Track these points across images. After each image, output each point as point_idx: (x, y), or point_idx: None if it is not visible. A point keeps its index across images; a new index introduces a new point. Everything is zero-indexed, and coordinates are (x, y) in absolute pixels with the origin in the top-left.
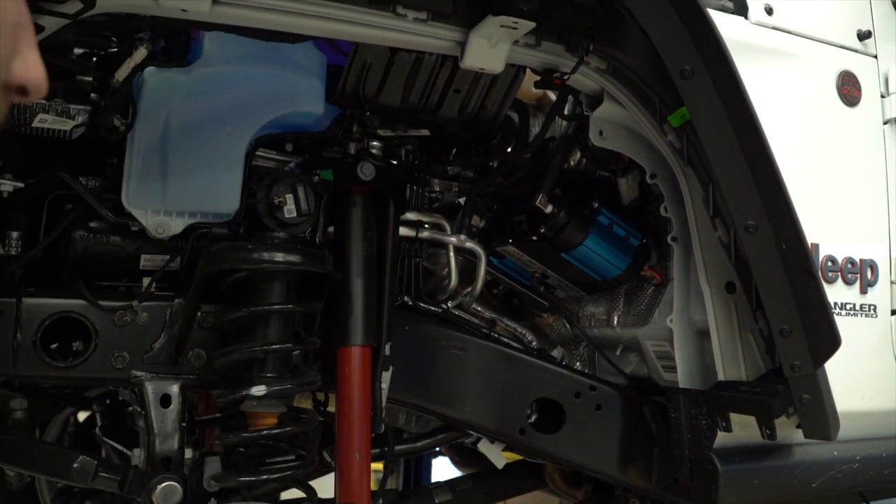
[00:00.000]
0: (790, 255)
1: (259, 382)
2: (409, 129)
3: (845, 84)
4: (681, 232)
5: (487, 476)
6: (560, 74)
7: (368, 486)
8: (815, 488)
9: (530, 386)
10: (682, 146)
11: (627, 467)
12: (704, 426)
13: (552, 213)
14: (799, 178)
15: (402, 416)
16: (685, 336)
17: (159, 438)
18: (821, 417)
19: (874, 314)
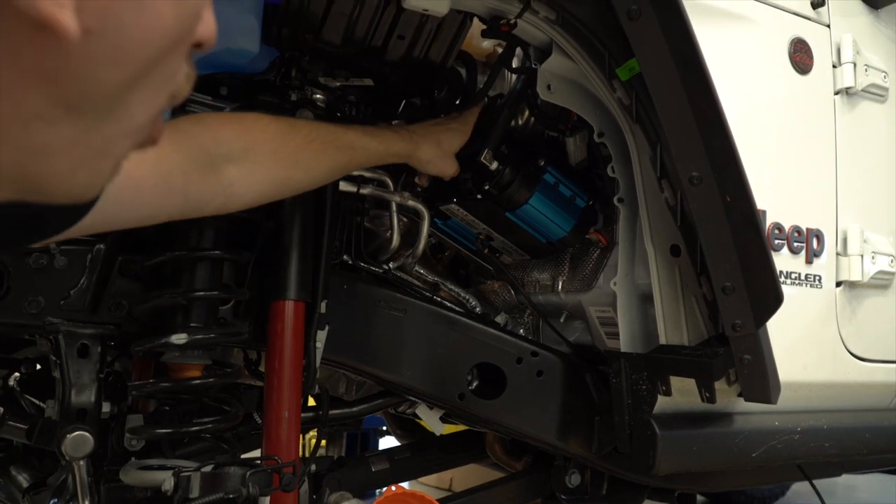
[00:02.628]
0: (734, 207)
1: (180, 331)
2: (352, 78)
3: (797, 51)
4: (627, 193)
5: (426, 446)
6: (507, 21)
7: (297, 445)
8: (754, 458)
9: (471, 351)
10: (631, 102)
11: (568, 436)
12: (645, 391)
13: (497, 169)
14: (748, 143)
15: (342, 384)
16: (628, 300)
17: (75, 389)
18: (762, 380)
19: (819, 285)
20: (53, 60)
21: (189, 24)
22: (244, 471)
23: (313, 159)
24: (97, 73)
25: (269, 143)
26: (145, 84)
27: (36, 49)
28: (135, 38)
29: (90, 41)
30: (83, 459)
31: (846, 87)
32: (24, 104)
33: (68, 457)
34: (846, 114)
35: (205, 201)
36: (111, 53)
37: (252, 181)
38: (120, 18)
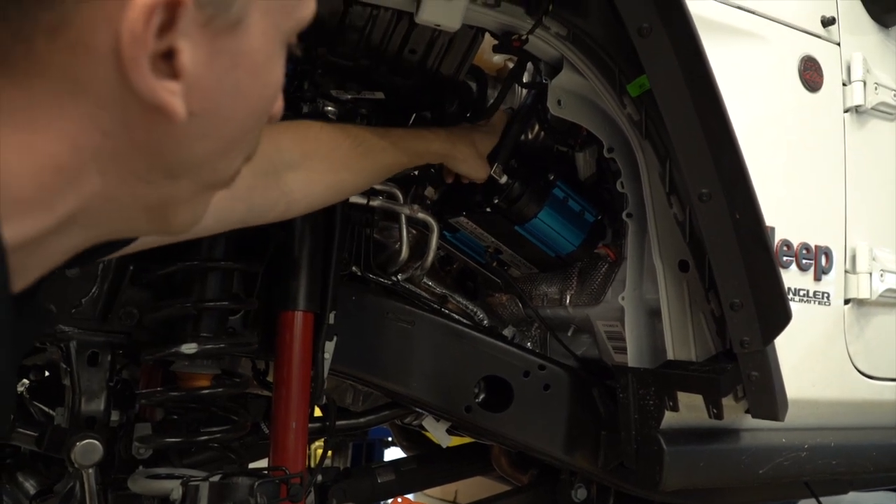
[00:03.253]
0: (743, 224)
1: (190, 341)
2: (363, 91)
3: (807, 69)
4: (636, 208)
5: (432, 458)
6: (518, 37)
7: (304, 455)
8: (761, 475)
9: (478, 363)
10: (641, 118)
11: (574, 450)
12: (652, 406)
13: (507, 183)
14: (758, 160)
15: (349, 395)
16: (636, 314)
17: (84, 397)
18: (769, 397)
19: (827, 302)
20: (159, 135)
21: (270, 105)
22: (252, 481)
23: (362, 162)
24: (193, 147)
25: (323, 149)
26: (231, 151)
27: (146, 125)
28: (228, 119)
29: (191, 121)
30: (92, 467)
31: (856, 104)
32: (129, 167)
33: (77, 465)
34: (856, 132)
35: (267, 208)
36: (206, 131)
37: (310, 187)
38: (218, 104)
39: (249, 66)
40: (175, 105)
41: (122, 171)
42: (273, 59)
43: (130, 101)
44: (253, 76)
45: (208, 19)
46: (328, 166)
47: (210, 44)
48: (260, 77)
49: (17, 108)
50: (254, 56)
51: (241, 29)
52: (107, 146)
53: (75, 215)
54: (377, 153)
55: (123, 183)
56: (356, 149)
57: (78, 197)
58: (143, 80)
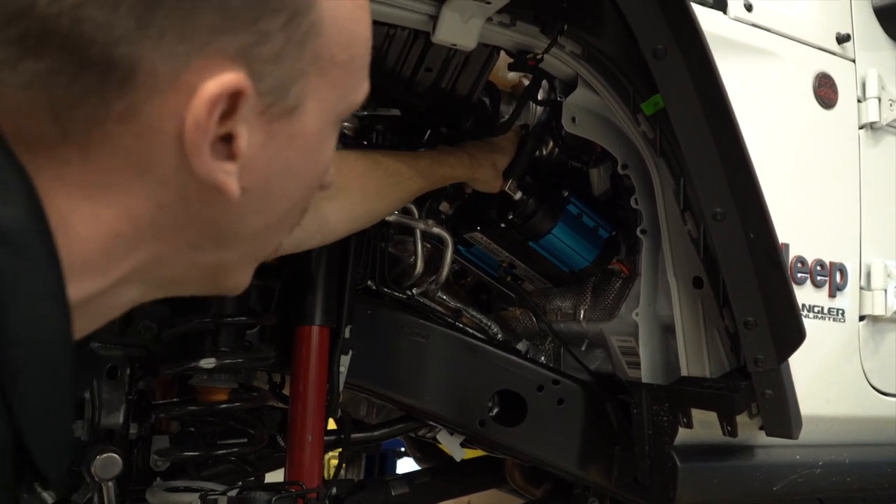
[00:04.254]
0: (757, 244)
1: (209, 355)
2: (379, 108)
3: (822, 86)
4: (650, 225)
5: (446, 471)
6: (533, 55)
7: (320, 469)
8: (775, 492)
9: (492, 377)
10: (655, 136)
11: (588, 464)
12: (665, 423)
13: (521, 199)
14: (772, 177)
15: (363, 407)
16: (650, 330)
17: (104, 410)
18: (783, 415)
19: (842, 319)
20: (213, 209)
21: (321, 178)
22: (270, 496)
23: (393, 190)
24: (244, 220)
25: (357, 180)
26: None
27: (202, 200)
28: (279, 194)
29: (244, 197)
30: (111, 481)
31: (871, 121)
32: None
33: (97, 478)
34: (871, 148)
35: (306, 238)
36: (259, 207)
37: (344, 216)
38: (270, 182)
39: (303, 148)
40: (230, 185)
41: (176, 240)
42: (325, 139)
43: (189, 180)
44: (305, 156)
45: (267, 107)
46: (362, 196)
47: (267, 128)
48: (311, 156)
49: (90, 183)
50: (307, 138)
51: (297, 114)
52: (164, 218)
53: (130, 276)
54: (406, 182)
55: (177, 250)
56: (388, 179)
57: (133, 262)
58: (202, 164)
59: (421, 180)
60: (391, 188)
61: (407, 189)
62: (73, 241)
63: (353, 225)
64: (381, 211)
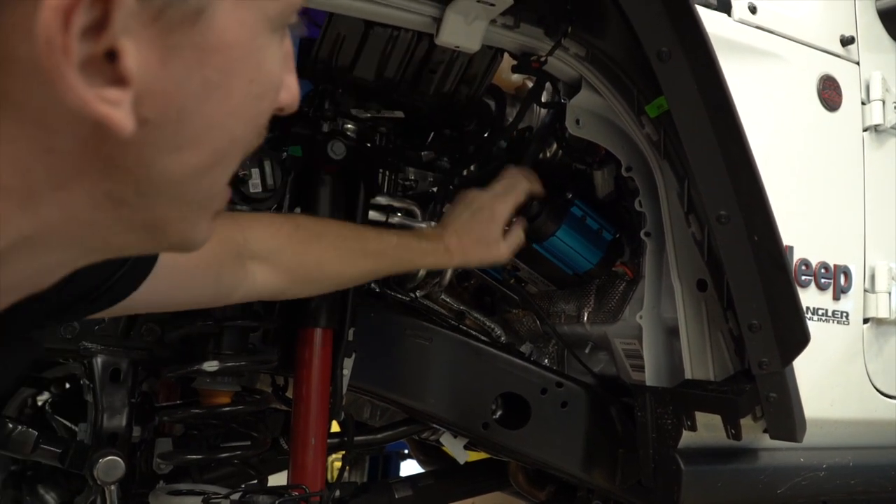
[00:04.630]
0: (761, 246)
1: (212, 358)
2: (383, 110)
3: (826, 88)
4: (654, 227)
5: (450, 473)
6: (537, 58)
7: (323, 472)
8: (779, 495)
9: (496, 380)
10: (659, 138)
11: (592, 467)
12: (670, 426)
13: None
14: (776, 180)
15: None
16: (654, 333)
17: (107, 413)
18: (787, 418)
19: (846, 321)
20: (118, 151)
21: (266, 102)
22: (272, 499)
23: (336, 263)
24: (163, 161)
25: (293, 247)
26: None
27: (99, 141)
28: (204, 124)
29: (151, 132)
30: (114, 484)
31: (875, 124)
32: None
33: (100, 482)
34: (875, 151)
35: (232, 290)
36: (176, 142)
37: (273, 279)
38: (183, 108)
39: (223, 63)
40: (116, 117)
41: (86, 191)
42: (261, 51)
43: (72, 116)
44: (230, 73)
45: (157, 12)
46: (296, 264)
47: (163, 41)
48: (241, 73)
49: None
50: (228, 50)
51: (205, 20)
52: (58, 165)
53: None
54: (357, 259)
55: (93, 204)
56: (332, 251)
57: (34, 218)
58: (71, 92)
59: (379, 260)
60: (336, 261)
61: (360, 266)
62: None
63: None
64: (321, 281)
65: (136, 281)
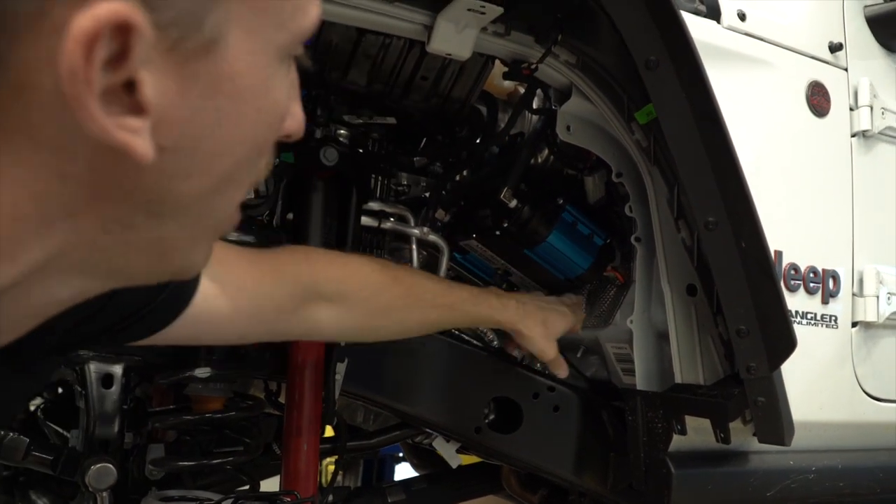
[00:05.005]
0: (749, 253)
1: (204, 365)
2: (375, 116)
3: (815, 94)
4: (644, 232)
5: (443, 477)
6: (528, 65)
7: (315, 477)
8: (769, 497)
9: (488, 384)
10: (649, 145)
11: (584, 471)
12: (660, 429)
13: (516, 207)
14: (765, 185)
15: (360, 414)
16: (645, 338)
17: (99, 420)
18: (775, 422)
19: (835, 325)
20: (132, 177)
21: (273, 129)
22: None
23: (405, 312)
24: (176, 187)
25: (364, 292)
26: (227, 186)
27: (115, 167)
28: (215, 150)
29: (167, 159)
30: (106, 490)
31: (863, 129)
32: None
33: (92, 488)
34: (863, 156)
35: (286, 332)
36: (189, 168)
37: (339, 324)
38: (198, 137)
39: (234, 91)
40: (137, 145)
41: (97, 216)
42: (269, 80)
43: (90, 144)
44: (240, 101)
45: (174, 43)
46: (365, 309)
47: (180, 70)
48: (251, 101)
49: None
50: (239, 79)
51: (218, 50)
52: (72, 192)
53: (50, 264)
54: (427, 309)
55: (103, 229)
56: (403, 300)
57: (48, 245)
58: (92, 121)
59: (448, 312)
60: (405, 310)
61: (428, 317)
62: None
63: (348, 335)
64: (388, 329)
65: (174, 312)
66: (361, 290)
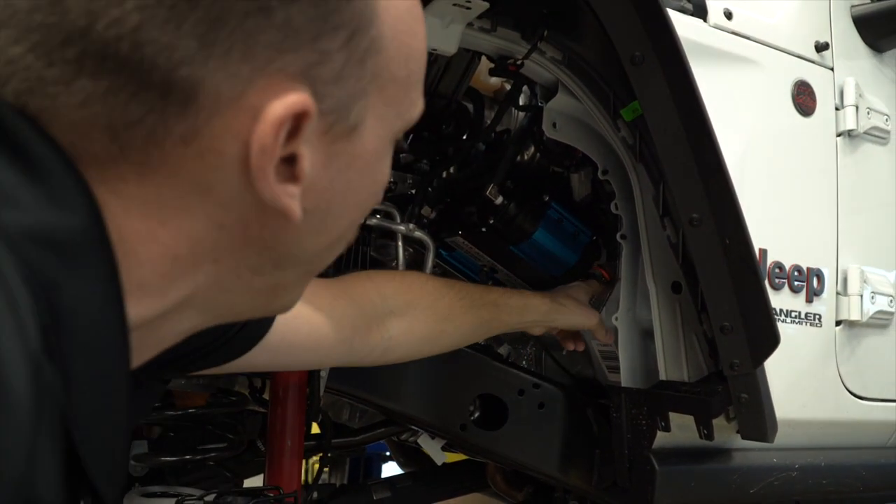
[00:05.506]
0: (732, 249)
1: None
2: None
3: (801, 93)
4: (630, 230)
5: (428, 475)
6: (514, 61)
7: (299, 473)
8: (752, 494)
9: (473, 381)
10: (635, 142)
11: (568, 468)
12: (644, 426)
13: (502, 204)
14: (751, 184)
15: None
16: (630, 335)
17: None
18: (759, 418)
19: (819, 323)
20: (275, 232)
21: (376, 199)
22: (247, 501)
23: (463, 315)
24: (304, 242)
25: (427, 299)
26: (339, 242)
27: (263, 223)
28: (339, 214)
29: (305, 219)
30: None
31: (848, 129)
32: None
33: None
34: (848, 156)
35: (365, 353)
36: (318, 227)
37: (410, 334)
38: (331, 202)
39: (362, 167)
40: (293, 207)
41: (235, 262)
42: (382, 158)
43: (251, 202)
44: (364, 175)
45: (329, 126)
46: (430, 315)
47: (328, 148)
48: (370, 175)
49: (149, 203)
50: (366, 157)
51: (357, 133)
52: (223, 240)
53: (187, 301)
54: (479, 309)
55: (236, 274)
56: (459, 302)
57: (192, 285)
58: (268, 187)
59: (495, 310)
60: (463, 312)
61: (481, 316)
62: (131, 260)
63: (420, 346)
64: (451, 334)
65: (253, 340)
66: (424, 298)
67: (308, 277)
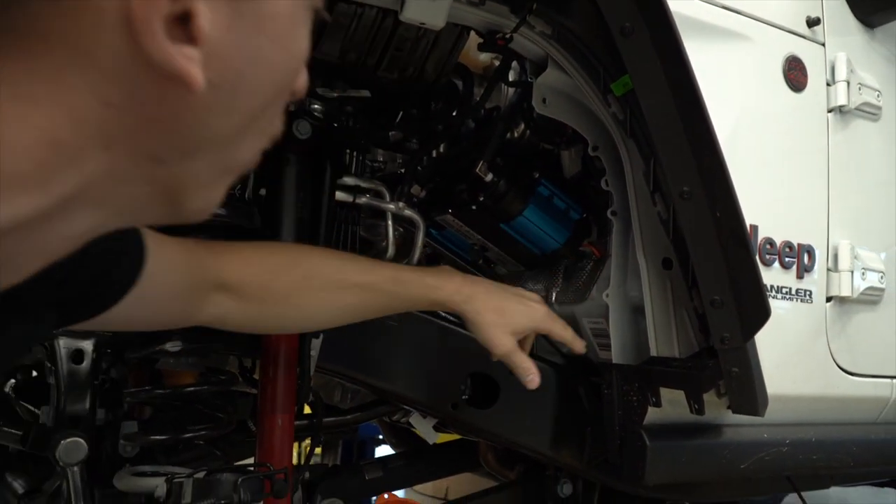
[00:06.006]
0: (723, 222)
1: (175, 338)
2: (349, 90)
3: (792, 69)
4: (621, 206)
5: (420, 455)
6: (503, 35)
7: (290, 452)
8: (743, 469)
9: (465, 360)
10: (626, 117)
11: (560, 446)
12: (635, 402)
13: (492, 181)
14: (742, 159)
15: (337, 392)
16: (621, 311)
17: (69, 396)
18: (749, 392)
19: (809, 299)
20: (174, 108)
21: (294, 76)
22: (236, 477)
23: (308, 297)
24: (212, 122)
25: (260, 278)
26: (252, 129)
27: (159, 97)
28: (249, 89)
29: (210, 93)
30: (77, 465)
31: (839, 105)
32: (140, 145)
33: (62, 463)
34: (839, 132)
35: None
36: (227, 103)
37: (241, 313)
38: (239, 72)
39: (274, 32)
40: (193, 72)
41: (131, 148)
42: (299, 26)
43: (141, 71)
44: (277, 43)
45: None
46: (263, 297)
47: (230, 5)
48: (284, 45)
49: (17, 79)
50: (279, 20)
51: None
52: (113, 120)
53: (76, 196)
54: (334, 292)
55: (134, 162)
56: (304, 282)
57: (79, 176)
58: (157, 46)
59: (365, 294)
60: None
61: (337, 301)
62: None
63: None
64: (293, 317)
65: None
66: (257, 276)
67: (226, 177)
